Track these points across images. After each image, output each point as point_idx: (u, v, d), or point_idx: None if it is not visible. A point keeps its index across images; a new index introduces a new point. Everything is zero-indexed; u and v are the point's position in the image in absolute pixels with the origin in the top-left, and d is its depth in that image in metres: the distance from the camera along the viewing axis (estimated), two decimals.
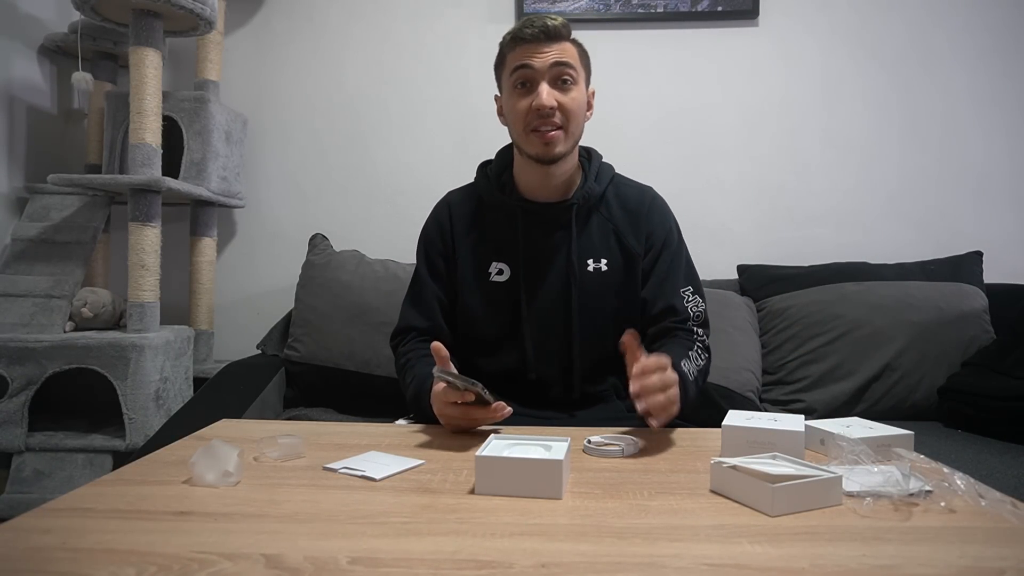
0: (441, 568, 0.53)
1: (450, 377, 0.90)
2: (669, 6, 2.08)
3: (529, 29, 1.09)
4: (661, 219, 1.22)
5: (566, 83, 1.11)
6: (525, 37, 1.10)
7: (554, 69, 1.10)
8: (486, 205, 1.23)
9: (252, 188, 2.16)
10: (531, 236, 1.18)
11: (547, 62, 1.09)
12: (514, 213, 1.19)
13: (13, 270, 1.77)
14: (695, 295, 1.18)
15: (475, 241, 1.22)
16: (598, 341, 1.17)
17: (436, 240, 1.24)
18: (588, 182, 1.19)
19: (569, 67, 1.11)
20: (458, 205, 1.25)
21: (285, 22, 2.17)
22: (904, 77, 2.07)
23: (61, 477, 1.63)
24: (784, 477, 0.67)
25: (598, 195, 1.20)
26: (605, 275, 1.18)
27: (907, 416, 1.63)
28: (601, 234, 1.19)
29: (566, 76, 1.10)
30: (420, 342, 1.20)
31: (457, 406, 0.94)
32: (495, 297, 1.18)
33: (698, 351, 1.13)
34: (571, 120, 1.11)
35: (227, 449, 0.75)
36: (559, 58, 1.10)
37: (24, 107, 2.01)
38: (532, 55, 1.10)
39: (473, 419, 0.95)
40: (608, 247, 1.19)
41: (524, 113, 1.11)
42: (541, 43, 1.09)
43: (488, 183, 1.23)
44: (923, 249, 2.00)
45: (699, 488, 0.74)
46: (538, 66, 1.09)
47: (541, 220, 1.19)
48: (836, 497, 0.69)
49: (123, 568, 0.53)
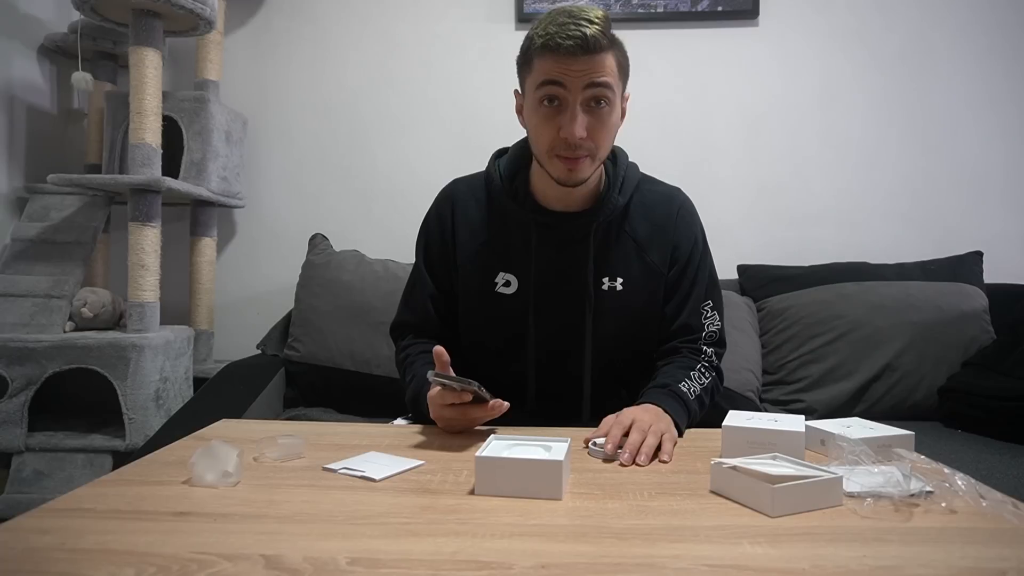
0: (441, 569, 0.53)
1: (446, 380, 0.89)
2: (669, 6, 2.07)
3: (564, 39, 0.92)
4: (687, 230, 1.13)
5: (601, 106, 0.97)
6: (560, 48, 0.93)
7: (589, 91, 0.95)
8: (495, 206, 1.11)
9: (252, 188, 2.16)
10: (544, 249, 1.08)
11: (582, 82, 0.94)
12: (527, 223, 1.08)
13: (13, 270, 1.77)
14: (713, 311, 1.12)
15: (481, 245, 1.11)
16: (610, 363, 1.11)
17: (436, 235, 1.14)
18: (611, 192, 1.07)
19: (606, 88, 0.96)
20: (463, 198, 1.14)
21: (285, 22, 2.16)
22: (904, 77, 2.07)
23: (61, 477, 1.63)
24: (785, 478, 0.67)
25: (621, 208, 1.08)
26: (620, 295, 1.08)
27: (907, 416, 1.63)
28: (621, 251, 1.09)
29: (602, 99, 0.96)
30: (418, 338, 1.17)
31: (454, 407, 0.92)
32: (500, 309, 1.09)
33: (701, 370, 1.07)
34: (601, 146, 1.00)
35: (227, 449, 0.75)
36: (596, 78, 0.94)
37: (24, 107, 2.01)
38: (565, 71, 0.94)
39: (471, 419, 0.93)
40: (627, 265, 1.09)
41: (550, 138, 0.98)
42: (577, 56, 0.93)
43: (500, 183, 1.10)
44: (923, 249, 1.99)
45: (699, 489, 0.73)
46: (571, 87, 0.95)
47: (558, 233, 1.08)
48: (837, 498, 0.68)
49: (122, 569, 0.52)
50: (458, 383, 0.88)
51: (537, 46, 0.96)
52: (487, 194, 1.13)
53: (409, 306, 1.19)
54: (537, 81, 0.97)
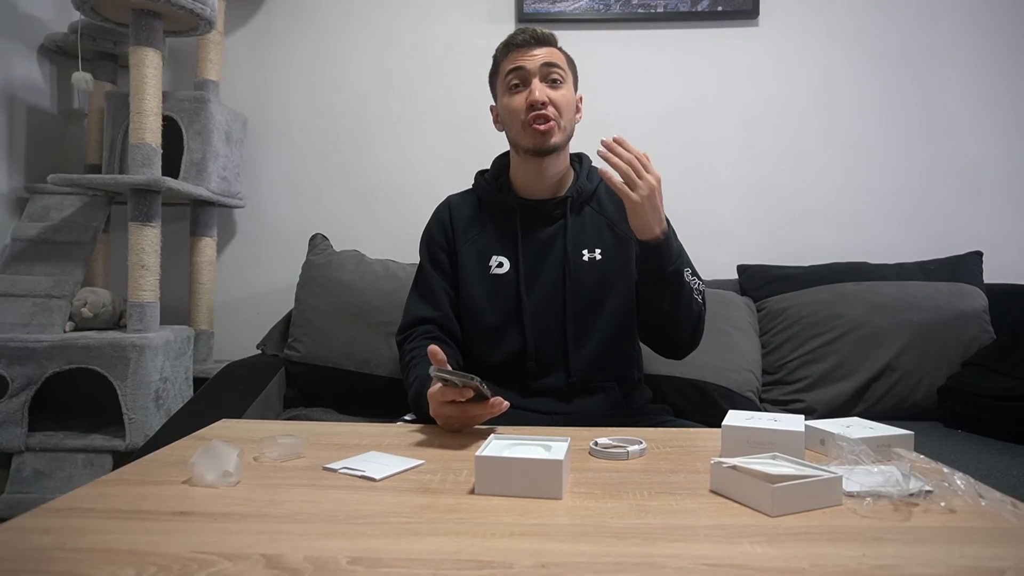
0: (441, 568, 0.53)
1: (446, 375, 0.90)
2: (669, 6, 2.08)
3: (520, 35, 1.22)
4: None
5: (555, 82, 1.21)
6: (517, 42, 1.22)
7: (544, 69, 1.21)
8: (485, 205, 1.32)
9: (252, 188, 2.16)
10: (528, 230, 1.26)
11: (538, 62, 1.21)
12: (512, 209, 1.28)
13: (13, 270, 1.77)
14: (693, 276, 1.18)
15: (475, 237, 1.29)
16: (595, 327, 1.23)
17: (439, 236, 1.31)
18: (580, 180, 1.29)
19: (557, 67, 1.22)
20: (458, 205, 1.34)
21: (285, 22, 2.17)
22: (904, 77, 2.07)
23: (61, 477, 1.63)
24: (784, 477, 0.67)
25: (590, 191, 1.30)
26: (600, 263, 1.24)
27: (907, 416, 1.63)
28: (594, 226, 1.28)
29: (555, 76, 1.21)
30: (427, 337, 1.22)
31: (454, 405, 0.94)
32: (496, 288, 1.25)
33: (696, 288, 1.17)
34: (563, 114, 1.21)
35: (227, 449, 0.75)
36: (548, 59, 1.21)
37: (24, 107, 2.01)
38: (524, 58, 1.21)
39: (470, 417, 0.95)
40: (601, 237, 1.27)
41: (520, 109, 1.20)
42: (531, 47, 1.21)
43: (486, 185, 1.32)
44: (923, 249, 2.00)
45: (699, 488, 0.74)
46: (530, 67, 1.20)
47: (537, 215, 1.27)
48: (836, 497, 0.69)
49: (123, 568, 0.53)
50: (459, 378, 0.88)
51: (500, 50, 1.25)
52: (477, 198, 1.34)
53: (424, 301, 1.28)
54: (504, 74, 1.24)
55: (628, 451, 0.86)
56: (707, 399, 1.62)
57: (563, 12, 2.08)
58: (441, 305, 1.26)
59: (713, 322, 1.23)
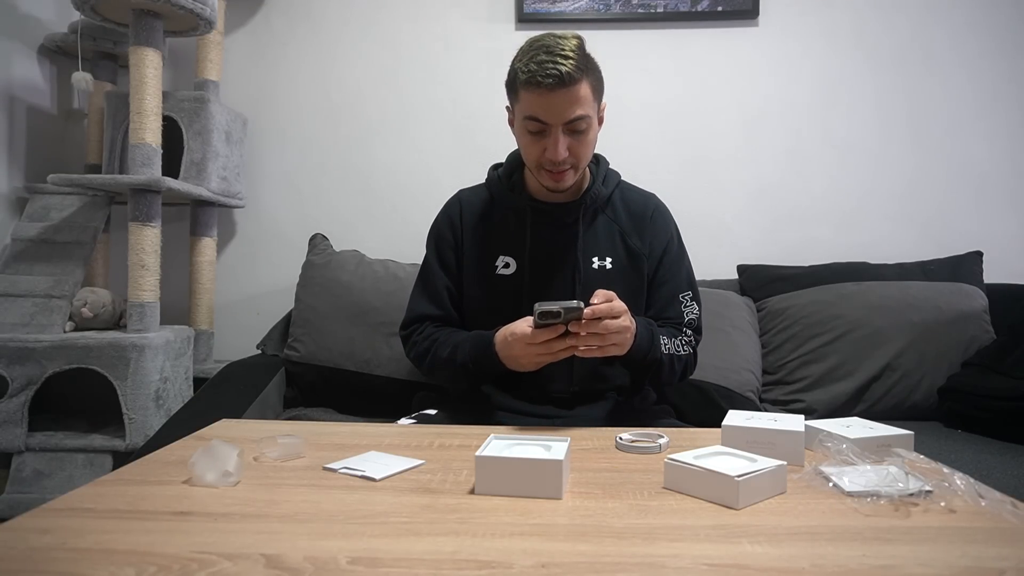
0: (441, 568, 0.53)
1: (555, 307, 0.96)
2: (669, 6, 2.08)
3: (544, 78, 1.04)
4: (664, 225, 1.28)
5: (579, 131, 1.11)
6: (539, 85, 1.05)
7: (567, 124, 1.09)
8: (496, 202, 1.28)
9: (252, 188, 2.16)
10: (539, 232, 1.23)
11: (560, 117, 1.08)
12: (524, 210, 1.24)
13: (13, 270, 1.77)
14: (692, 301, 1.25)
15: (483, 234, 1.26)
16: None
17: (446, 232, 1.29)
18: (596, 184, 1.24)
19: (583, 119, 1.09)
20: (469, 201, 1.30)
21: (285, 22, 2.17)
22: (904, 77, 2.07)
23: (61, 477, 1.63)
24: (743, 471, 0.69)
25: (605, 197, 1.26)
26: (609, 273, 1.22)
27: (907, 416, 1.63)
28: (607, 234, 1.25)
29: (580, 127, 1.10)
30: (435, 328, 1.23)
31: (539, 344, 1.00)
32: (500, 289, 1.22)
33: (682, 342, 1.20)
34: (582, 159, 1.15)
35: (227, 449, 0.75)
36: (573, 109, 1.07)
37: (24, 107, 2.01)
38: (546, 107, 1.07)
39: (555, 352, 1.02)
40: (613, 246, 1.24)
41: (536, 156, 1.13)
42: (555, 91, 1.06)
43: (499, 181, 1.27)
44: (923, 249, 2.00)
45: None
46: (552, 121, 1.08)
47: (550, 218, 1.23)
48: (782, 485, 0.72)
49: (123, 568, 0.53)
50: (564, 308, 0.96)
51: (521, 80, 1.08)
52: (488, 194, 1.30)
53: (427, 298, 1.27)
54: (523, 113, 1.11)
55: (660, 444, 0.88)
56: (707, 399, 1.62)
57: (563, 12, 2.08)
58: (444, 304, 1.26)
59: (713, 322, 1.24)
